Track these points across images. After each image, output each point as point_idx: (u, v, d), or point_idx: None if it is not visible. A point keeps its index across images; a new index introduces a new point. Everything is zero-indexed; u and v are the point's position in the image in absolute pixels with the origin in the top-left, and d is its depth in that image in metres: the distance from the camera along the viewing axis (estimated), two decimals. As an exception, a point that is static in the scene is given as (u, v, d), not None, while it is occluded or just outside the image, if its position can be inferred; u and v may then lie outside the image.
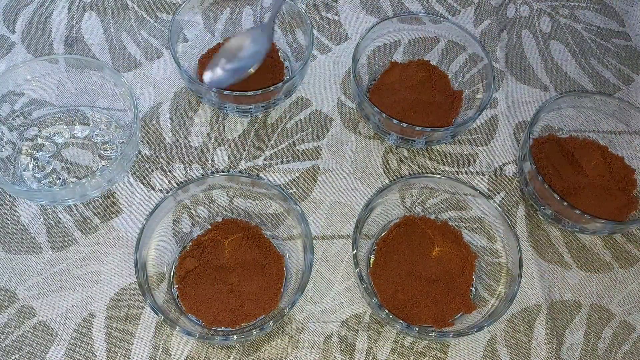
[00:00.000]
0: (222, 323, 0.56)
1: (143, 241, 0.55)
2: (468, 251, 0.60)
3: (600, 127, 0.69)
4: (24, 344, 0.56)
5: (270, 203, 0.61)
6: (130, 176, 0.65)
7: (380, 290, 0.58)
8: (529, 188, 0.64)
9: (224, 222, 0.61)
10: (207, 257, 0.58)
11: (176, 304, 0.57)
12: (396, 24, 0.70)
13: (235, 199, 0.61)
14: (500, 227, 0.59)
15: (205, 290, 0.57)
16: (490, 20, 0.79)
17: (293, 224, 0.59)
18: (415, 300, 0.57)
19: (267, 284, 0.57)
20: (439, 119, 0.67)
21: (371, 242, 0.61)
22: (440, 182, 0.61)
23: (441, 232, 0.61)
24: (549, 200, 0.61)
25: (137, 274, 0.53)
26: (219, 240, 0.59)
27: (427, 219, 0.62)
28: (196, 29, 0.72)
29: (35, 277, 0.59)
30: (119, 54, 0.72)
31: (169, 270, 0.58)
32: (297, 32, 0.71)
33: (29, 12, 0.74)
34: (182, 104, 0.69)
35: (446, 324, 0.56)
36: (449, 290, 0.58)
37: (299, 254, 0.58)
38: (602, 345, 0.59)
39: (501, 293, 0.57)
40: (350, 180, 0.66)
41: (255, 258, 0.59)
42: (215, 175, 0.59)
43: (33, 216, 0.62)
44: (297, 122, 0.69)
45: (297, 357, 0.56)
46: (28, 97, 0.65)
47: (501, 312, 0.54)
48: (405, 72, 0.70)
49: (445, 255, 0.60)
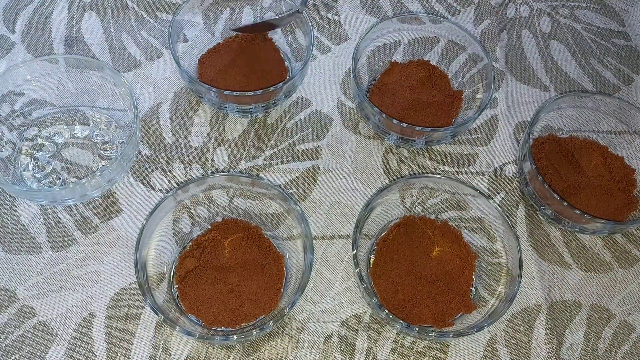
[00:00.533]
0: (222, 323, 0.56)
1: (143, 241, 0.55)
2: (468, 251, 0.60)
3: (600, 127, 0.69)
4: (24, 344, 0.56)
5: (270, 203, 0.61)
6: (130, 176, 0.65)
7: (380, 290, 0.58)
8: (529, 188, 0.64)
9: (224, 222, 0.61)
10: (207, 257, 0.58)
11: (176, 304, 0.57)
12: (396, 24, 0.70)
13: (235, 199, 0.61)
14: (500, 227, 0.59)
15: (205, 290, 0.57)
16: (490, 20, 0.79)
17: (293, 224, 0.59)
18: (415, 300, 0.57)
19: (267, 284, 0.57)
20: (439, 119, 0.67)
21: (371, 242, 0.61)
22: (440, 182, 0.61)
23: (441, 232, 0.61)
24: (549, 200, 0.61)
25: (137, 274, 0.53)
26: (219, 240, 0.59)
27: (427, 219, 0.62)
28: (196, 28, 0.72)
29: (35, 277, 0.59)
30: (119, 54, 0.72)
31: (169, 270, 0.58)
32: (297, 32, 0.71)
33: (29, 12, 0.74)
34: (182, 104, 0.69)
35: (446, 324, 0.56)
36: (449, 290, 0.58)
37: (299, 254, 0.58)
38: (602, 345, 0.59)
39: (501, 293, 0.57)
40: (350, 180, 0.66)
41: (255, 258, 0.59)
42: (215, 175, 0.59)
43: (33, 216, 0.62)
44: (297, 122, 0.69)
45: (297, 357, 0.56)
46: (28, 97, 0.65)
47: (501, 312, 0.54)
48: (405, 72, 0.70)
49: (445, 255, 0.60)
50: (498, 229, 0.59)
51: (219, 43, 0.71)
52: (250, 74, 0.67)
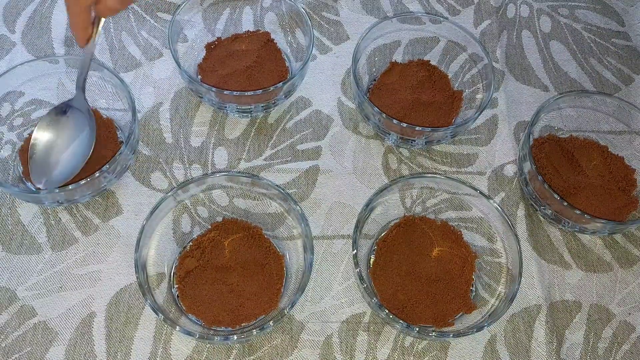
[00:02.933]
0: (222, 323, 0.56)
1: (143, 241, 0.55)
2: (468, 251, 0.60)
3: (600, 127, 0.69)
4: (24, 344, 0.56)
5: (270, 203, 0.61)
6: (130, 176, 0.65)
7: (380, 290, 0.58)
8: (528, 188, 0.64)
9: (224, 222, 0.61)
10: (207, 257, 0.58)
11: (176, 304, 0.57)
12: (396, 24, 0.70)
13: (235, 199, 0.61)
14: (500, 227, 0.59)
15: (205, 290, 0.57)
16: (490, 20, 0.79)
17: (293, 224, 0.59)
18: (416, 300, 0.57)
19: (267, 284, 0.57)
20: (439, 119, 0.67)
21: (371, 242, 0.61)
22: (440, 181, 0.61)
23: (441, 232, 0.61)
24: (548, 200, 0.61)
25: (137, 273, 0.53)
26: (219, 241, 0.59)
27: (427, 219, 0.62)
28: (196, 28, 0.72)
29: (35, 277, 0.59)
30: (119, 54, 0.72)
31: (169, 270, 0.58)
32: (297, 32, 0.71)
33: (29, 12, 0.75)
34: (182, 104, 0.69)
35: (446, 324, 0.56)
36: (449, 290, 0.58)
37: (299, 254, 0.58)
38: (602, 345, 0.59)
39: (501, 293, 0.57)
40: (350, 180, 0.66)
41: (255, 258, 0.59)
42: (215, 175, 0.59)
43: (33, 216, 0.62)
44: (297, 122, 0.69)
45: (297, 357, 0.56)
46: (28, 97, 0.65)
47: (501, 312, 0.54)
48: (405, 72, 0.70)
49: (445, 255, 0.60)
50: (498, 228, 0.59)
51: (218, 38, 0.71)
52: (250, 73, 0.67)
